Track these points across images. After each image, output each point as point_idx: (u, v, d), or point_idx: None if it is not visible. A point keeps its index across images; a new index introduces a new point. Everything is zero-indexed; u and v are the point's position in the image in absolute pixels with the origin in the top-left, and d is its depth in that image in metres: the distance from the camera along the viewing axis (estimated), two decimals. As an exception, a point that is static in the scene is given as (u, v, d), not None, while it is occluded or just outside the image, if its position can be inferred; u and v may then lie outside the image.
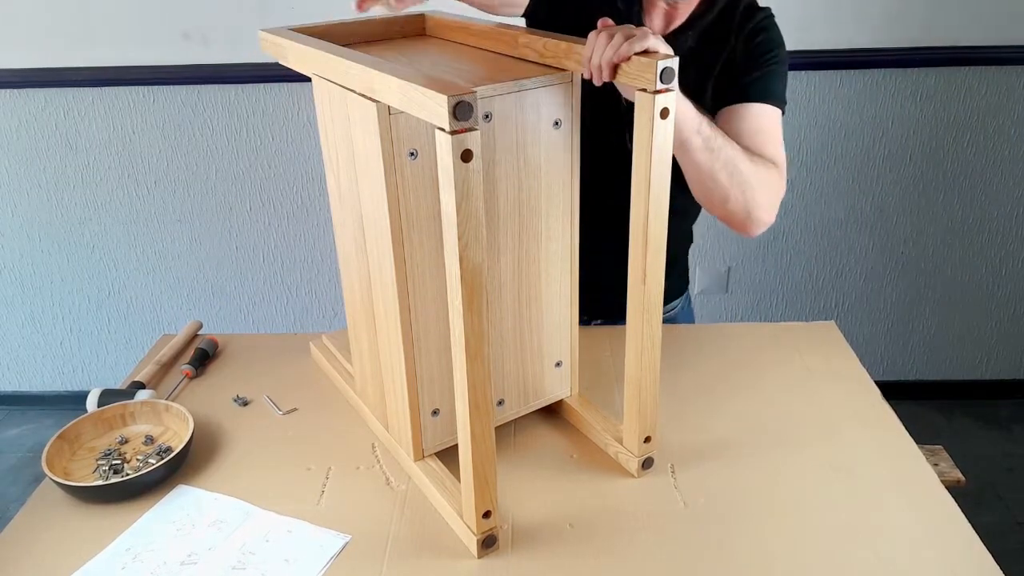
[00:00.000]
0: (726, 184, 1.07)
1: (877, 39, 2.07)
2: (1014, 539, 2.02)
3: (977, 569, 0.89)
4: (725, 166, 1.05)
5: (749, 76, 1.16)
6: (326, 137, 1.01)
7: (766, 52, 1.17)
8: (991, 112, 2.16)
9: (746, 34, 1.18)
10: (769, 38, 1.18)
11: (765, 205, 1.12)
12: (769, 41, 1.18)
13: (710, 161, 1.04)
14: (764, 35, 1.18)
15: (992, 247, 2.34)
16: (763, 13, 1.20)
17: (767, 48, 1.17)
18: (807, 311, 2.44)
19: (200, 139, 2.26)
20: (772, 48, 1.18)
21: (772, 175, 1.12)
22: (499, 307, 1.01)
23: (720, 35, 1.19)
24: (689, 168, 1.06)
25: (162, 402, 1.14)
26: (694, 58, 1.17)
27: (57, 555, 0.94)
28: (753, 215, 1.11)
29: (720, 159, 1.04)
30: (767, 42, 1.18)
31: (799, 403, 1.18)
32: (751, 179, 1.07)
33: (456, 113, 0.70)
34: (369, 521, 0.97)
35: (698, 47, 1.19)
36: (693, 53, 1.18)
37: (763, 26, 1.18)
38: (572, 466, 1.06)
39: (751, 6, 1.21)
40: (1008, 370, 2.52)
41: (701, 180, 1.07)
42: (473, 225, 0.75)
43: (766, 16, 1.20)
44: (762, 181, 1.09)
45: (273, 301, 2.49)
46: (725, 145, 1.04)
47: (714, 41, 1.19)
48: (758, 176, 1.09)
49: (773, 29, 1.19)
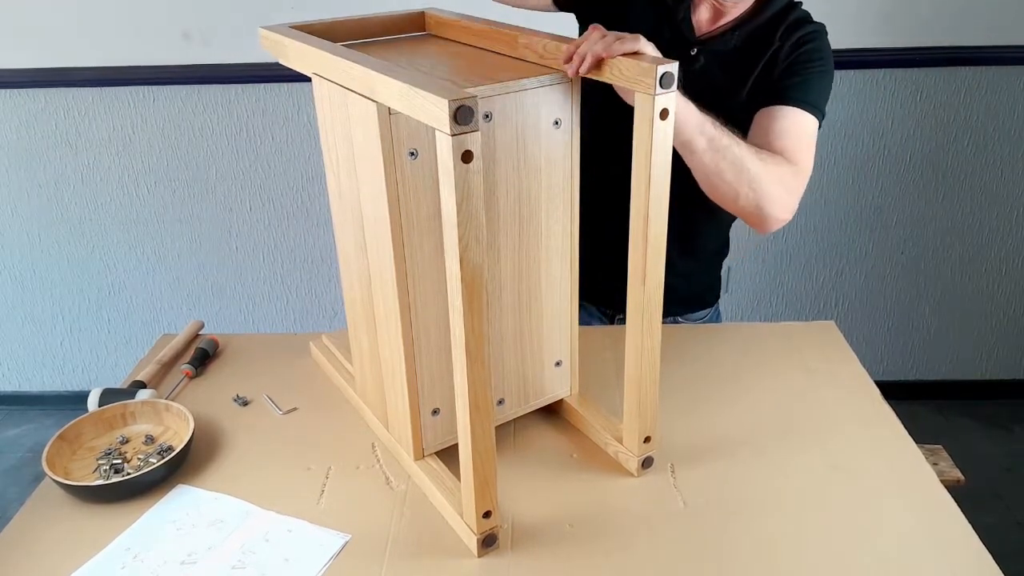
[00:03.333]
0: (734, 182, 1.07)
1: (877, 39, 2.07)
2: (1014, 539, 2.02)
3: (977, 569, 0.89)
4: (732, 165, 1.05)
5: (789, 80, 1.17)
6: (326, 137, 1.01)
7: (811, 60, 1.18)
8: (991, 112, 2.16)
9: (793, 41, 1.19)
10: (816, 48, 1.19)
11: (778, 202, 1.12)
12: (816, 51, 1.19)
13: (715, 160, 1.04)
14: (812, 45, 1.19)
15: (992, 247, 2.34)
16: (815, 27, 1.21)
17: (813, 57, 1.18)
18: (807, 311, 2.44)
19: (200, 139, 2.25)
20: (818, 58, 1.19)
21: (785, 172, 1.12)
22: (499, 307, 1.01)
23: (765, 39, 1.20)
24: (696, 168, 1.06)
25: (162, 402, 1.15)
26: (737, 57, 1.19)
27: (57, 555, 0.94)
28: (765, 211, 1.12)
29: (727, 158, 1.05)
30: (813, 51, 1.19)
31: (799, 403, 1.18)
32: (761, 177, 1.08)
33: (457, 117, 0.70)
34: (369, 521, 0.97)
35: (743, 47, 1.20)
36: (737, 52, 1.20)
37: (812, 38, 1.19)
38: (572, 466, 1.06)
39: (804, 18, 1.22)
40: (1008, 370, 2.52)
41: (708, 179, 1.08)
42: (473, 226, 0.75)
43: (817, 30, 1.20)
44: (774, 179, 1.10)
45: (273, 301, 2.48)
46: (731, 144, 1.05)
47: (759, 44, 1.20)
48: (769, 174, 1.09)
49: (823, 42, 1.20)
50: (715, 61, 1.22)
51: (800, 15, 1.22)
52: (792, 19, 1.21)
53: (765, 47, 1.20)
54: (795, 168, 1.14)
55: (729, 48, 1.21)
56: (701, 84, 1.19)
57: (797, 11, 1.22)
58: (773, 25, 1.20)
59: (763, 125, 1.16)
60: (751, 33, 1.21)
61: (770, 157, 1.11)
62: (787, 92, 1.17)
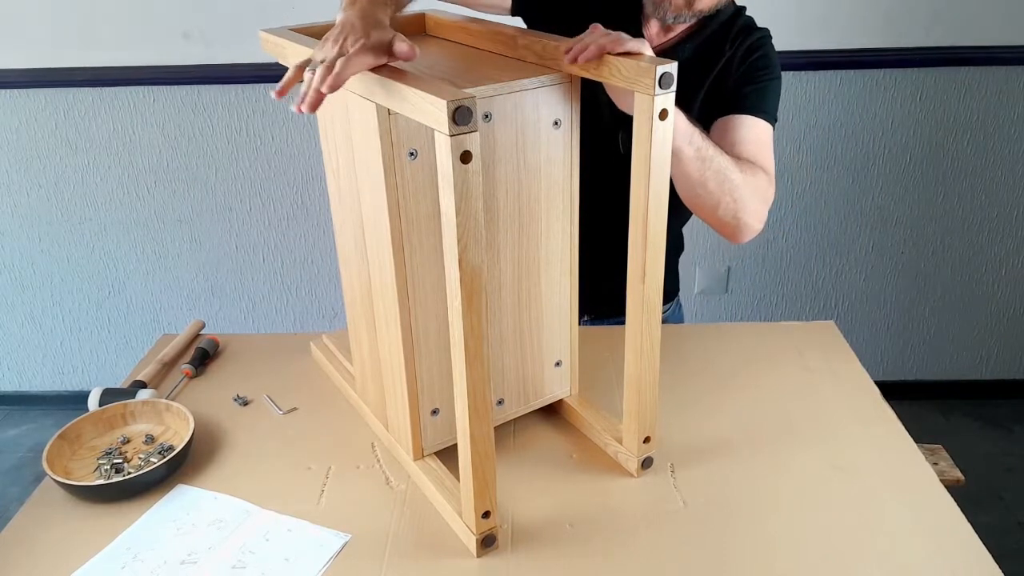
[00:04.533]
0: (716, 192, 1.08)
1: (877, 39, 2.07)
2: (1014, 539, 2.02)
3: (976, 569, 0.89)
4: (716, 175, 1.06)
5: (745, 89, 1.19)
6: (326, 137, 1.01)
7: (763, 68, 1.20)
8: (991, 112, 2.16)
9: (744, 50, 1.21)
10: (766, 55, 1.21)
11: (754, 213, 1.14)
12: (766, 58, 1.21)
13: (701, 170, 1.05)
14: (761, 52, 1.21)
15: (992, 247, 2.34)
16: (761, 32, 1.23)
17: (764, 65, 1.21)
18: (807, 311, 2.44)
19: (200, 139, 2.26)
20: (769, 65, 1.21)
21: (762, 183, 1.14)
22: (499, 307, 1.01)
23: (715, 49, 1.22)
24: (680, 177, 1.07)
25: (163, 401, 1.15)
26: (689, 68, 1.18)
27: (57, 555, 0.94)
28: (743, 221, 1.13)
29: (711, 168, 1.06)
30: (764, 59, 1.21)
31: (799, 403, 1.18)
32: (742, 187, 1.09)
33: (455, 118, 0.70)
34: (369, 520, 0.97)
35: (694, 58, 1.21)
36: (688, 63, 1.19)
37: (761, 44, 1.22)
38: (572, 466, 1.06)
39: (750, 25, 1.24)
40: (1008, 370, 2.52)
41: (692, 188, 1.08)
42: (472, 226, 0.75)
43: (764, 36, 1.23)
44: (752, 189, 1.11)
45: (273, 301, 2.49)
46: (716, 155, 1.06)
47: (709, 54, 1.22)
48: (748, 184, 1.10)
49: (770, 48, 1.22)
50: None
51: (746, 21, 1.24)
52: (740, 25, 1.23)
53: (717, 56, 1.21)
54: (768, 177, 1.16)
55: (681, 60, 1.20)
56: None
57: (743, 17, 1.25)
58: (723, 34, 1.22)
59: (723, 134, 1.17)
60: (702, 44, 1.22)
61: (748, 168, 1.12)
62: (745, 101, 1.18)
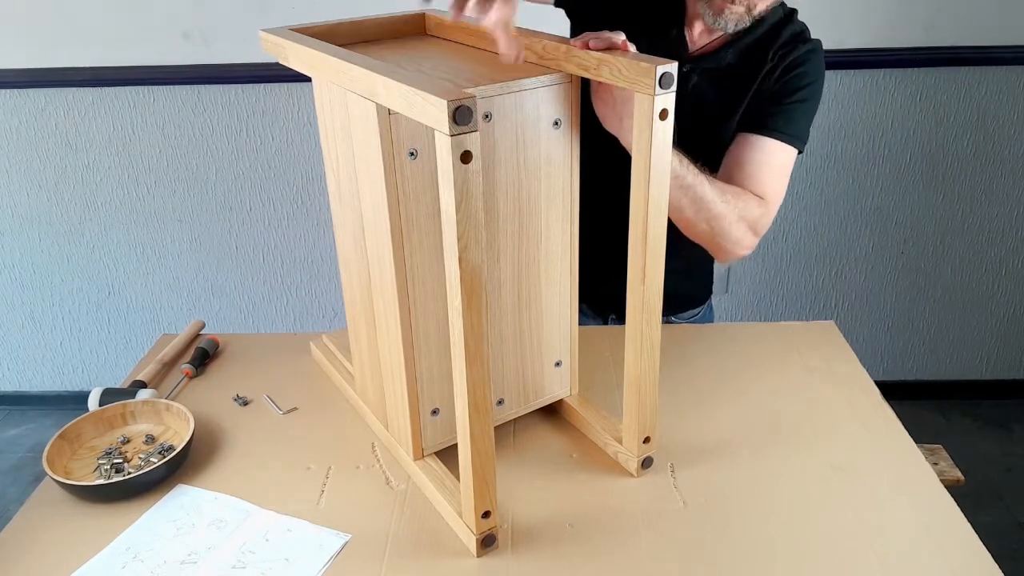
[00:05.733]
0: (692, 218, 1.08)
1: (877, 39, 2.07)
2: (1014, 539, 2.02)
3: (976, 569, 0.89)
4: (693, 203, 1.06)
5: (772, 108, 1.15)
6: (326, 137, 1.01)
7: (798, 88, 1.15)
8: (991, 112, 2.16)
9: (786, 64, 1.15)
10: (807, 72, 1.15)
11: (737, 242, 1.13)
12: (804, 76, 1.15)
13: (677, 196, 1.04)
14: (802, 68, 1.15)
15: (992, 247, 2.34)
16: (808, 46, 1.16)
17: (800, 84, 1.15)
18: (807, 311, 2.44)
19: (200, 139, 2.26)
20: (807, 84, 1.15)
21: (751, 211, 1.11)
22: (499, 307, 1.01)
23: (759, 55, 1.16)
24: None
25: (163, 401, 1.15)
26: (732, 74, 1.16)
27: (57, 555, 0.94)
28: (722, 247, 1.13)
29: (687, 195, 1.05)
30: (802, 77, 1.15)
31: (799, 403, 1.18)
32: (722, 217, 1.08)
33: (455, 117, 0.70)
34: (369, 520, 0.97)
35: (737, 63, 1.17)
36: (731, 69, 1.16)
37: (804, 60, 1.15)
38: (572, 466, 1.06)
39: (797, 35, 1.17)
40: (1008, 370, 2.52)
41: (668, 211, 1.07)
42: (472, 226, 0.75)
43: (810, 49, 1.16)
44: (737, 218, 1.10)
45: (273, 301, 2.49)
46: (696, 184, 1.05)
47: (753, 61, 1.16)
48: (731, 214, 1.09)
49: (812, 65, 1.16)
50: (708, 79, 1.19)
51: (796, 29, 1.17)
52: (787, 36, 1.16)
53: (759, 66, 1.16)
54: (764, 206, 1.13)
55: (723, 65, 1.17)
56: (694, 104, 1.17)
57: (793, 24, 1.18)
58: (768, 41, 1.16)
59: (739, 153, 1.14)
60: (745, 49, 1.17)
61: (736, 197, 1.09)
62: (769, 122, 1.14)
